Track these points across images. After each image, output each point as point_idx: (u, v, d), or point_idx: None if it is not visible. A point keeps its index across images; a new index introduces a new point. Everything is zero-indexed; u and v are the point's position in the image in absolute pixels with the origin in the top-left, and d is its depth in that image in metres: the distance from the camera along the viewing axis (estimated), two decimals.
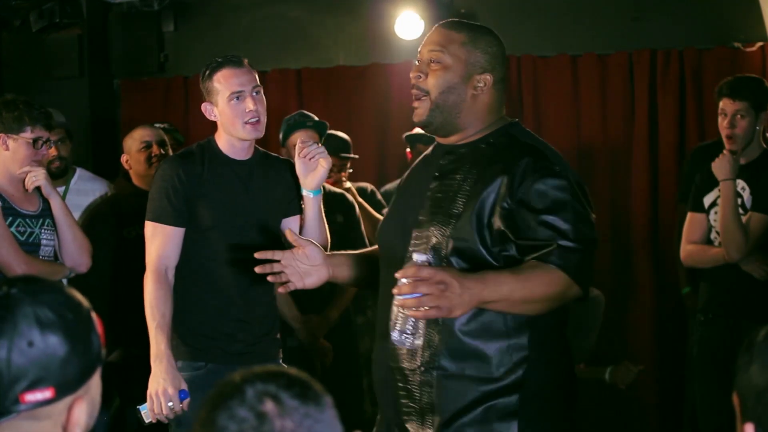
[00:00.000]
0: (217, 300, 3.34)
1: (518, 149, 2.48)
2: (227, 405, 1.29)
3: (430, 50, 2.52)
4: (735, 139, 4.04)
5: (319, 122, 4.58)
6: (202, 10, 6.22)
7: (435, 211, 2.47)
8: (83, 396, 1.37)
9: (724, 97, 4.07)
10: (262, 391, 1.29)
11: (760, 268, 3.99)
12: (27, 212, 3.73)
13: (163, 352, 3.17)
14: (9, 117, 3.65)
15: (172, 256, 3.30)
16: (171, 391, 3.13)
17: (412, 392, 2.47)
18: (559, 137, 5.74)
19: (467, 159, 2.51)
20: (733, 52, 5.50)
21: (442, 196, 2.48)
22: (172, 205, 3.29)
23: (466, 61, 2.52)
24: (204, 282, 3.35)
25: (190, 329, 3.34)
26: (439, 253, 2.42)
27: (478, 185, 2.43)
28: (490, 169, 2.45)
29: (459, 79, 2.51)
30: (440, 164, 2.54)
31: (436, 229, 2.44)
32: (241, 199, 3.37)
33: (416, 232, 2.48)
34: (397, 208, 2.67)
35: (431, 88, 2.51)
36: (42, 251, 3.76)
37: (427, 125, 2.56)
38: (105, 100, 6.21)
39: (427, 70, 2.52)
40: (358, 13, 5.93)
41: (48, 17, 5.59)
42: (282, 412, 1.28)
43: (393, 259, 2.51)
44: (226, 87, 3.28)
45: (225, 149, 3.38)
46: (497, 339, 2.42)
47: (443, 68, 2.51)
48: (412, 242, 2.47)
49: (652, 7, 5.69)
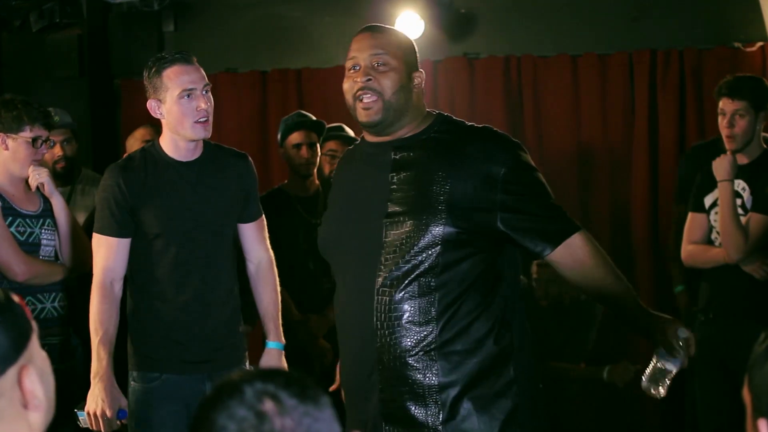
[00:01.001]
0: (169, 308, 3.26)
1: (472, 133, 2.64)
2: (226, 405, 1.28)
3: (372, 54, 2.63)
4: (734, 138, 4.04)
5: (317, 122, 4.58)
6: (202, 10, 6.22)
7: (409, 200, 2.54)
8: (27, 365, 1.33)
9: (723, 96, 4.06)
10: (261, 391, 1.29)
11: (761, 269, 3.98)
12: (27, 212, 3.73)
13: (104, 369, 3.10)
14: (8, 116, 3.64)
15: (118, 268, 3.23)
16: (109, 413, 3.09)
17: (414, 378, 2.51)
18: (559, 137, 5.74)
19: (427, 149, 2.61)
20: (733, 52, 5.50)
21: (411, 187, 2.55)
22: (114, 217, 3.23)
23: (405, 61, 2.66)
24: (155, 290, 3.27)
25: (143, 339, 3.27)
26: (420, 240, 2.50)
27: (455, 172, 2.54)
28: (459, 155, 2.57)
29: (406, 79, 2.64)
30: (393, 158, 2.62)
31: (416, 217, 2.51)
32: (189, 202, 3.27)
33: (390, 224, 2.53)
34: (347, 208, 2.70)
35: (385, 89, 2.61)
36: (42, 251, 3.75)
37: (378, 124, 2.63)
38: (105, 100, 6.21)
39: (375, 73, 2.61)
40: (358, 13, 5.92)
41: (48, 17, 5.59)
42: (281, 411, 1.28)
43: (361, 252, 2.57)
44: (176, 84, 3.18)
45: (170, 151, 3.28)
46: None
47: (391, 70, 2.62)
48: (388, 233, 2.53)
49: (652, 7, 5.69)
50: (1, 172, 3.69)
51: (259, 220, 3.47)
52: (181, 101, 3.18)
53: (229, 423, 1.27)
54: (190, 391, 3.23)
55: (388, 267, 2.52)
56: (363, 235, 2.59)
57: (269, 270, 3.46)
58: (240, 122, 6.01)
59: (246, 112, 6.03)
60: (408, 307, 2.51)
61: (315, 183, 4.61)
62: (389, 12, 5.76)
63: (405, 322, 2.50)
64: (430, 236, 2.50)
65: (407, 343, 2.51)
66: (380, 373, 2.55)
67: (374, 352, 2.54)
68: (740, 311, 4.04)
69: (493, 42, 5.88)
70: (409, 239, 2.51)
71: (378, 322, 2.53)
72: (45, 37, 5.91)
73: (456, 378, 2.50)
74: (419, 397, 2.52)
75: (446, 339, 2.51)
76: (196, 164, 3.31)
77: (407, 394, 2.53)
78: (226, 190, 3.34)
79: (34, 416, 1.32)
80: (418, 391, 2.52)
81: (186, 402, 3.22)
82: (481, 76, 5.83)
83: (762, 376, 1.38)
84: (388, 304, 2.51)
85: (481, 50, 5.89)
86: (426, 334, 2.50)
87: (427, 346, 2.50)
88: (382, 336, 2.53)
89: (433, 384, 2.51)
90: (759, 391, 1.39)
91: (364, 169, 2.70)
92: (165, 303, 3.26)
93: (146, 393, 3.21)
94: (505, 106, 5.79)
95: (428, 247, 2.50)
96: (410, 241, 2.50)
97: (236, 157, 3.41)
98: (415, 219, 2.51)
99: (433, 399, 2.51)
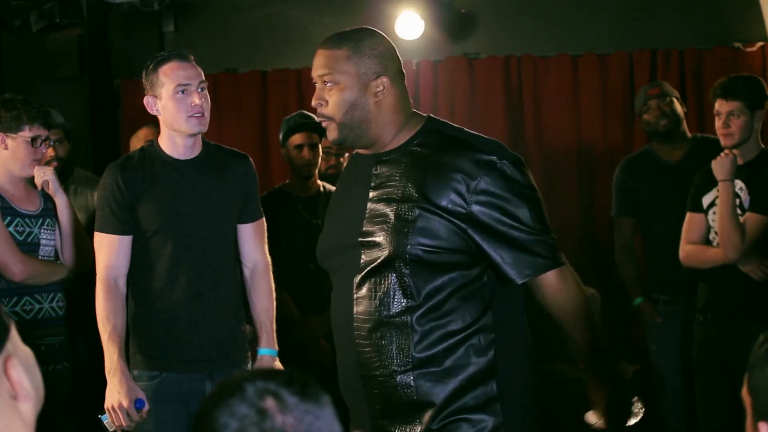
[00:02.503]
0: (169, 306, 3.27)
1: (454, 146, 2.46)
2: (228, 402, 1.29)
3: (319, 75, 2.49)
4: (731, 137, 4.04)
5: (319, 123, 4.58)
6: (202, 10, 6.22)
7: (382, 220, 2.44)
8: (11, 356, 1.32)
9: (717, 98, 4.08)
10: (263, 389, 1.30)
11: (758, 269, 3.98)
12: (26, 212, 3.73)
13: (116, 363, 3.13)
14: (7, 116, 3.65)
15: (121, 266, 3.25)
16: (126, 403, 3.10)
17: (390, 397, 2.46)
18: (559, 137, 5.74)
19: (403, 164, 2.48)
20: (734, 52, 5.51)
21: (384, 205, 2.45)
22: (114, 214, 3.25)
23: (357, 73, 2.47)
24: (155, 288, 3.28)
25: (144, 337, 3.28)
26: (394, 262, 2.40)
27: (428, 188, 2.41)
28: (434, 170, 2.43)
29: (357, 94, 2.47)
30: (374, 174, 2.51)
31: (388, 238, 2.41)
32: (188, 200, 3.29)
33: (365, 244, 2.45)
34: (335, 224, 2.63)
35: (333, 113, 2.48)
36: (41, 251, 3.74)
37: (342, 143, 2.54)
38: (105, 100, 6.21)
39: (324, 95, 2.49)
40: (358, 13, 5.93)
41: (48, 17, 5.59)
42: (282, 408, 1.29)
43: (343, 271, 2.51)
44: (172, 80, 3.22)
45: (168, 150, 3.31)
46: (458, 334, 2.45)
47: (339, 89, 2.47)
48: (363, 254, 2.45)
49: (652, 7, 5.70)
50: (1, 172, 3.69)
51: (259, 222, 3.46)
52: (176, 96, 3.22)
53: (230, 420, 1.28)
54: (191, 390, 3.24)
55: (362, 290, 2.46)
56: (344, 254, 2.53)
57: (264, 275, 3.44)
58: (240, 122, 6.01)
59: (246, 112, 6.03)
60: (386, 330, 2.43)
61: (316, 183, 4.62)
62: (389, 12, 5.76)
63: (383, 342, 2.44)
64: (398, 258, 2.40)
65: (386, 362, 2.44)
66: (365, 389, 2.51)
67: (358, 369, 2.50)
68: (739, 312, 4.04)
69: (493, 42, 5.88)
70: (380, 262, 2.42)
71: (359, 341, 2.48)
72: (45, 37, 5.91)
73: (436, 397, 2.43)
74: (402, 415, 2.47)
75: (425, 358, 2.43)
76: (195, 162, 3.32)
77: (390, 411, 2.48)
78: (225, 189, 3.35)
79: (25, 407, 1.32)
80: (400, 410, 2.47)
81: (186, 401, 3.23)
82: (481, 76, 5.83)
83: (761, 379, 1.38)
84: (365, 325, 2.46)
85: (481, 50, 5.90)
86: (404, 355, 2.43)
87: (405, 366, 2.43)
88: (362, 354, 2.48)
89: (414, 402, 2.44)
90: (758, 393, 1.39)
91: (352, 182, 2.62)
92: (164, 301, 3.27)
93: (147, 392, 3.21)
94: (505, 106, 5.79)
95: (397, 269, 2.41)
96: (381, 263, 2.42)
97: (237, 157, 3.43)
98: (383, 240, 2.42)
99: (415, 417, 2.45)
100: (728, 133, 4.03)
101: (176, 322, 3.27)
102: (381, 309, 2.44)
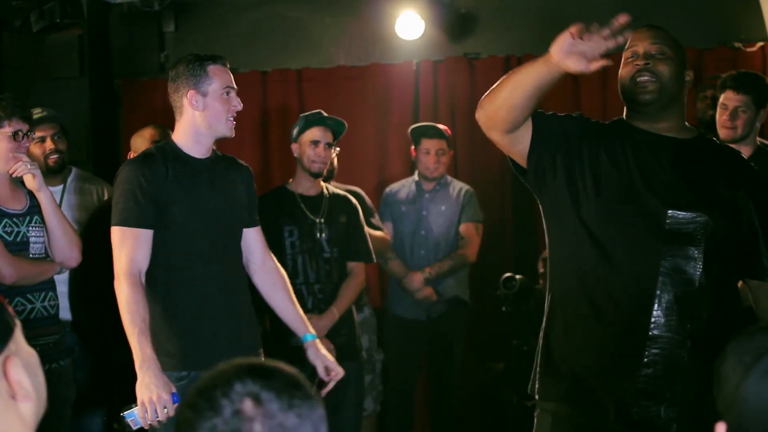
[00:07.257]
0: (193, 300, 3.26)
1: (739, 158, 2.85)
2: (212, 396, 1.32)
3: (652, 43, 2.76)
4: (734, 130, 4.00)
5: (338, 121, 4.54)
6: (202, 10, 6.22)
7: (700, 197, 2.66)
8: (11, 355, 1.33)
9: (727, 89, 4.04)
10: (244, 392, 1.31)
11: None
12: (13, 211, 3.67)
13: (149, 357, 3.05)
14: None
15: (143, 260, 3.20)
16: (165, 396, 3.02)
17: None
18: None
19: (705, 153, 2.76)
20: (734, 51, 5.50)
21: (700, 184, 2.69)
22: (140, 207, 3.21)
23: (677, 57, 2.77)
24: (178, 284, 3.26)
25: (168, 335, 3.23)
26: (711, 238, 2.62)
27: (735, 182, 2.71)
28: (733, 170, 2.76)
29: (679, 71, 2.76)
30: (675, 154, 2.72)
31: (708, 215, 2.63)
32: (209, 196, 3.32)
33: (675, 215, 2.64)
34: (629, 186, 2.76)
35: (663, 73, 2.73)
36: (32, 249, 3.69)
37: (651, 103, 2.74)
38: (105, 100, 6.21)
39: (652, 60, 2.73)
40: (358, 13, 5.93)
41: (48, 17, 5.59)
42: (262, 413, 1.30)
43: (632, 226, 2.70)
44: (222, 79, 3.30)
45: (186, 147, 3.32)
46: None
47: (669, 59, 2.74)
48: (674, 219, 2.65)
49: (653, 8, 5.68)
50: None
51: (260, 228, 3.52)
52: (223, 97, 3.31)
53: (224, 403, 1.32)
54: None
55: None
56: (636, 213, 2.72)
57: (278, 271, 3.51)
58: (240, 122, 5.97)
59: (246, 112, 6.00)
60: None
61: (321, 184, 4.55)
62: (389, 12, 5.76)
63: None
64: (721, 232, 2.67)
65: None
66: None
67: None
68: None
69: (493, 42, 5.88)
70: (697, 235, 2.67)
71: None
72: (45, 37, 5.91)
73: None
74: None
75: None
76: (209, 162, 3.37)
77: None
78: (235, 189, 3.41)
79: (24, 407, 1.32)
80: None
81: None
82: (481, 76, 5.82)
83: (724, 397, 1.41)
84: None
85: (481, 50, 5.89)
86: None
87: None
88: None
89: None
90: (723, 408, 1.42)
91: (645, 153, 2.77)
92: (189, 297, 3.25)
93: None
94: None
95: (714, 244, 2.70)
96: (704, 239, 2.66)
97: (240, 164, 3.52)
98: (716, 214, 2.67)
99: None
100: (732, 126, 4.01)
101: (201, 316, 3.26)
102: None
